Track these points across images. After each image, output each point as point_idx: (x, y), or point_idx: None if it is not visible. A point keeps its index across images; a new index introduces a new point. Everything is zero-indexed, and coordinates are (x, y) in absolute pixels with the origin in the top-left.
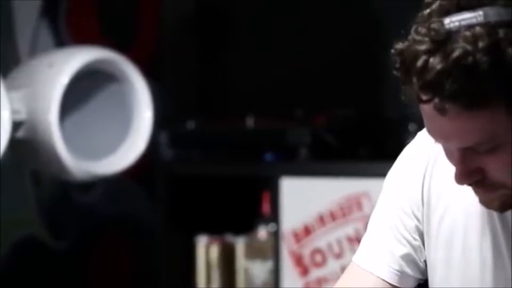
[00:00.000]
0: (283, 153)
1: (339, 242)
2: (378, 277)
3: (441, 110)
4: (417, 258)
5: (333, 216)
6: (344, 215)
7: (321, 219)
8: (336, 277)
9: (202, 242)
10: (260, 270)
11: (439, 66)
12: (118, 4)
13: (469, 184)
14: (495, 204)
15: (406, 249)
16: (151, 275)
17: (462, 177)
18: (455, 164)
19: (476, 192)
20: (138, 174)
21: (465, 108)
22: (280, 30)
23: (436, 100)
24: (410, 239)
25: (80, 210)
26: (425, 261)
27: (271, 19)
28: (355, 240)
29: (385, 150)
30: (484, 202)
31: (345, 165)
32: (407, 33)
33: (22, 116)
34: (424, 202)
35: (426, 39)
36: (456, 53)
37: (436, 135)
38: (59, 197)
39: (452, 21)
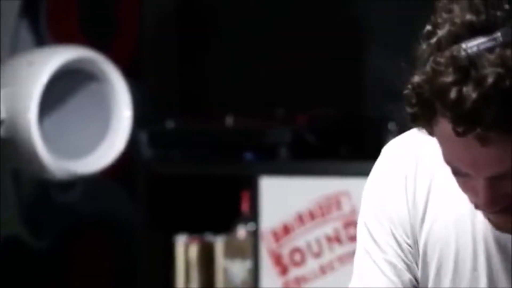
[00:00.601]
0: (263, 153)
1: (318, 242)
2: None
3: (483, 139)
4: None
5: (312, 216)
6: (323, 214)
7: (300, 219)
8: (315, 277)
9: (181, 241)
10: (239, 269)
11: (474, 95)
12: (98, 3)
13: (497, 211)
14: (510, 226)
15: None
16: (130, 274)
17: (491, 205)
18: (481, 193)
19: (492, 216)
20: (117, 173)
21: (505, 133)
22: (261, 30)
23: (479, 130)
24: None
25: (60, 210)
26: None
27: (251, 19)
28: (334, 239)
29: (365, 149)
30: (497, 224)
31: (325, 164)
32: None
33: (1, 115)
34: (410, 223)
35: (450, 69)
36: (490, 79)
37: (467, 165)
38: (39, 196)
39: (469, 47)
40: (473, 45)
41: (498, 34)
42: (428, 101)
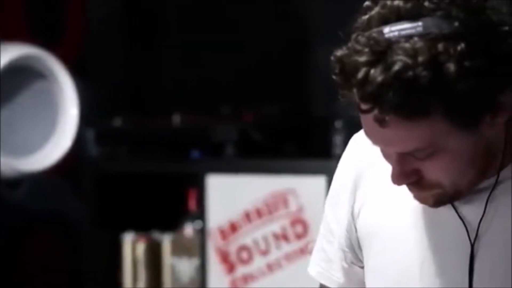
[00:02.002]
0: (209, 150)
1: (265, 239)
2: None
3: (380, 121)
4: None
5: (259, 213)
6: (270, 212)
7: (247, 216)
8: (262, 274)
9: (128, 239)
10: (186, 267)
11: (379, 78)
12: (45, 1)
13: (405, 184)
14: (429, 201)
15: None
16: (78, 271)
17: (399, 179)
18: (392, 165)
19: (411, 190)
20: (64, 171)
21: (404, 118)
22: (208, 28)
23: (376, 111)
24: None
25: (7, 208)
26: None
27: (198, 17)
28: (281, 237)
29: (312, 147)
30: (419, 198)
31: (272, 162)
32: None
33: None
34: (352, 211)
35: (366, 49)
36: (396, 67)
37: (375, 141)
38: None
39: (391, 31)
40: (395, 29)
41: (420, 23)
42: (348, 77)
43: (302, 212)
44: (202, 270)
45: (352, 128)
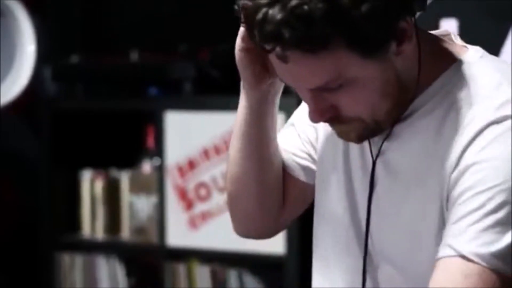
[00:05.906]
0: (167, 87)
1: (223, 176)
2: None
3: (283, 58)
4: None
5: (217, 150)
6: (228, 149)
7: (206, 153)
8: (220, 211)
9: (86, 177)
10: (144, 204)
11: (278, 17)
12: None
13: (324, 121)
14: (352, 136)
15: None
16: (36, 210)
17: (316, 116)
18: (307, 103)
19: (333, 126)
20: (22, 108)
21: (306, 52)
22: None
23: (278, 49)
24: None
25: None
26: None
27: None
28: None
29: None
30: (342, 134)
31: (229, 99)
32: None
33: None
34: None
35: None
36: (292, 3)
37: (284, 79)
38: None
39: None
40: None
41: None
42: (250, 21)
43: None
44: (160, 207)
45: None
